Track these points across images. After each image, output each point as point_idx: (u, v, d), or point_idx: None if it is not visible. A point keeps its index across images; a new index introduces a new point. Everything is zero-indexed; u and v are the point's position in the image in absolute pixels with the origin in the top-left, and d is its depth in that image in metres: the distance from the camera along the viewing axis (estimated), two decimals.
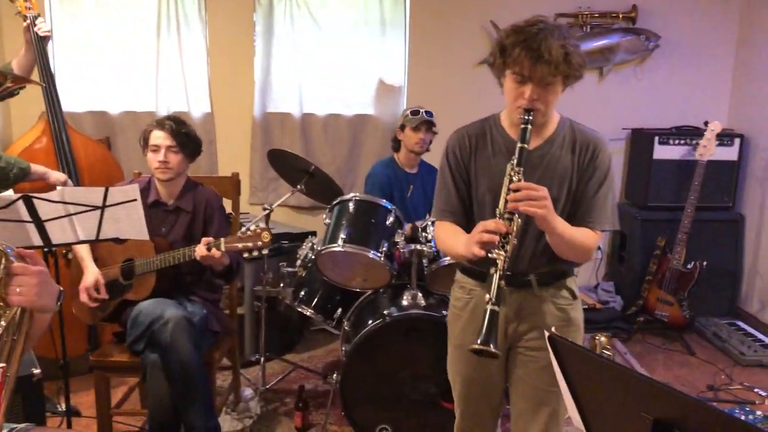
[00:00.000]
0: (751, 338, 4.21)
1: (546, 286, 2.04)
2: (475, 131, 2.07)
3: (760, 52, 4.48)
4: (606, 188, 1.99)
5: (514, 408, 2.16)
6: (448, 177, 2.07)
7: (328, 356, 3.99)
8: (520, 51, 1.82)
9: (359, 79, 4.58)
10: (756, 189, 4.50)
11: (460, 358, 2.18)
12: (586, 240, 1.96)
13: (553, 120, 2.02)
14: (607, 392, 1.40)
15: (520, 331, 2.06)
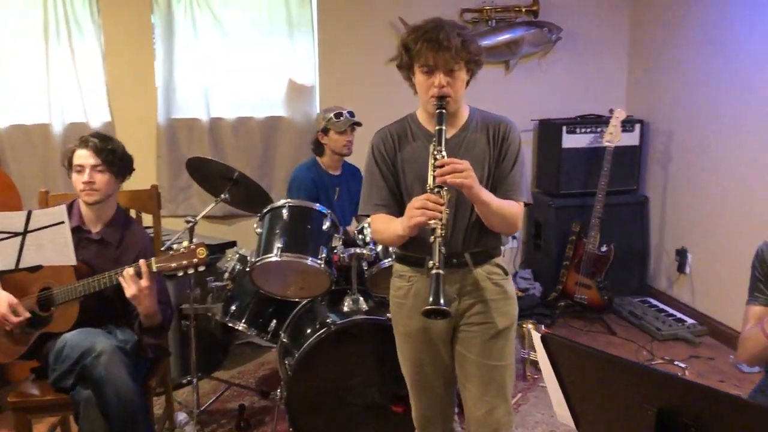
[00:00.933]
0: (663, 314, 4.43)
1: (480, 265, 2.18)
2: (396, 129, 2.22)
3: (651, 41, 4.72)
4: (520, 164, 2.16)
5: (464, 390, 2.25)
6: (376, 173, 2.20)
7: (260, 370, 3.83)
8: (422, 44, 2.00)
9: (268, 80, 4.45)
10: (657, 171, 4.74)
11: (409, 345, 2.27)
12: (512, 208, 2.11)
13: (464, 110, 2.19)
14: (605, 386, 1.39)
15: (462, 308, 2.19)
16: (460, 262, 2.16)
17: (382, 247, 2.94)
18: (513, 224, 2.13)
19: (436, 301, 1.81)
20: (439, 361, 2.24)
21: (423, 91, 2.08)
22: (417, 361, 2.26)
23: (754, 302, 2.07)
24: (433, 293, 1.82)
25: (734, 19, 3.96)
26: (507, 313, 2.20)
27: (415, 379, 2.29)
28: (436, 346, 2.22)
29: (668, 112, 4.61)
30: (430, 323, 2.16)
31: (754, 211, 3.85)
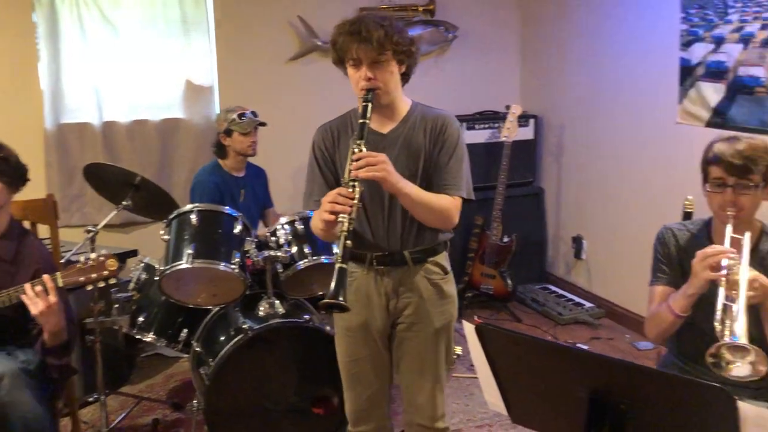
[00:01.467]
0: (563, 299, 4.64)
1: (420, 263, 2.19)
2: (337, 124, 2.24)
3: (541, 38, 4.93)
4: (457, 158, 2.15)
5: (403, 379, 2.29)
6: (316, 169, 2.22)
7: (170, 382, 3.69)
8: (345, 37, 2.03)
9: (164, 81, 4.29)
10: (552, 164, 4.96)
11: (348, 339, 2.28)
12: (441, 202, 2.11)
13: (404, 104, 2.20)
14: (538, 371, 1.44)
15: (400, 306, 2.21)
16: (399, 260, 2.17)
17: (297, 248, 2.91)
18: (446, 218, 2.13)
19: (334, 295, 1.80)
20: (376, 357, 2.26)
21: (354, 85, 2.09)
22: (355, 355, 2.27)
23: (657, 282, 2.20)
24: (333, 287, 1.81)
25: (616, 16, 4.19)
26: (443, 312, 2.23)
27: (351, 373, 2.29)
28: (375, 342, 2.24)
29: (559, 106, 4.83)
30: (369, 318, 2.20)
31: (641, 198, 4.10)
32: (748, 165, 1.91)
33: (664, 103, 3.84)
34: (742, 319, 1.69)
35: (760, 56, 3.23)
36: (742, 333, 1.66)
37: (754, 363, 1.63)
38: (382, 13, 2.10)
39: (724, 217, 1.97)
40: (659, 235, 2.23)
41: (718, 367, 1.67)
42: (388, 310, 2.21)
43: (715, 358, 1.67)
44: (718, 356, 1.67)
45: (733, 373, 1.65)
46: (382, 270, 2.18)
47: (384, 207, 2.15)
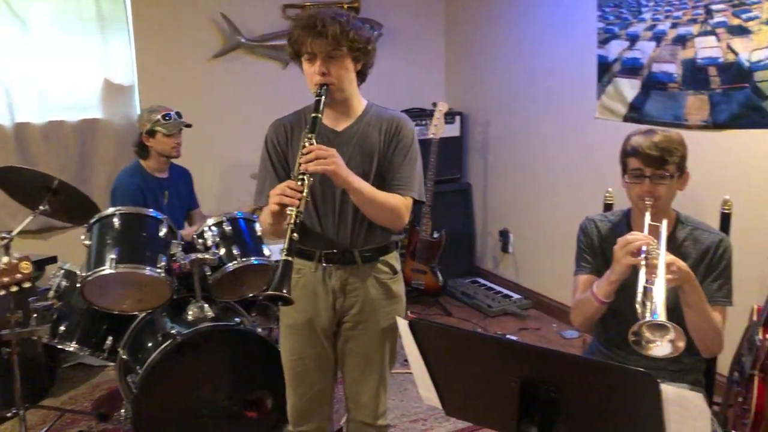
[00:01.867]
0: (492, 292, 4.74)
1: (369, 262, 2.18)
2: (291, 120, 2.20)
3: (465, 36, 5.01)
4: (410, 160, 2.15)
5: (347, 376, 2.30)
6: (269, 165, 2.19)
7: (95, 392, 3.56)
8: (300, 31, 2.01)
9: (81, 80, 4.12)
10: (477, 160, 5.04)
11: (292, 337, 2.25)
12: (392, 200, 2.10)
13: (359, 103, 2.19)
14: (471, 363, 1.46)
15: (347, 305, 2.20)
16: (349, 258, 2.16)
17: (225, 250, 2.85)
18: (396, 217, 2.12)
19: (277, 287, 1.78)
20: (321, 355, 2.25)
21: (308, 79, 2.06)
22: (299, 353, 2.25)
23: (581, 272, 2.27)
24: (277, 279, 1.79)
25: (537, 14, 4.31)
26: (390, 313, 2.22)
27: (295, 372, 2.27)
28: (320, 340, 2.23)
29: (484, 103, 4.92)
30: (315, 316, 2.18)
31: (564, 192, 4.23)
32: (664, 156, 2.00)
33: (583, 99, 3.97)
34: (661, 299, 1.76)
35: (671, 53, 3.38)
36: (662, 312, 1.73)
37: (673, 340, 1.70)
38: (339, 10, 2.08)
39: (643, 207, 2.05)
40: (582, 226, 2.31)
41: (640, 346, 1.73)
42: (335, 309, 2.20)
43: (636, 336, 1.73)
44: (639, 335, 1.73)
45: (654, 351, 1.72)
46: (330, 268, 2.17)
47: (335, 204, 2.13)
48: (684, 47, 3.31)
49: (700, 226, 2.15)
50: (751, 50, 3.00)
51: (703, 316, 1.98)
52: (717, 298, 2.06)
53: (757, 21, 2.96)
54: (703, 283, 2.06)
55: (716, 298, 2.06)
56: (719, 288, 2.07)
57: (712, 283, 2.07)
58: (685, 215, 2.18)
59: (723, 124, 3.18)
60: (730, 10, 3.07)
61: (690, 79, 3.30)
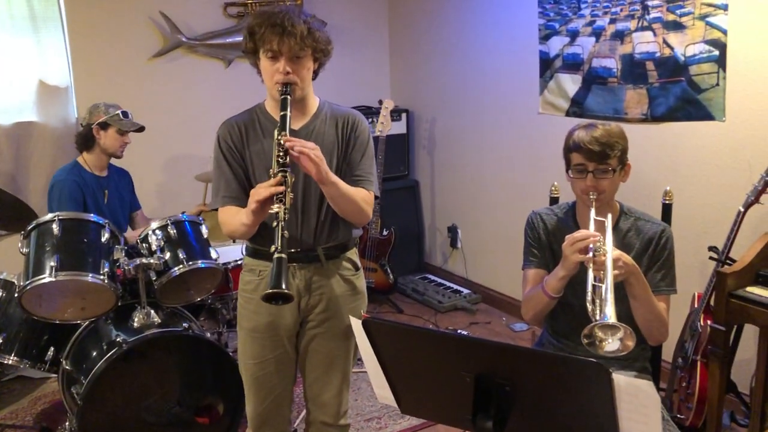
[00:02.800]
0: (442, 287, 4.77)
1: (332, 259, 2.19)
2: (243, 119, 2.16)
3: (409, 34, 5.02)
4: (368, 155, 2.17)
5: (309, 376, 2.27)
6: (224, 165, 2.13)
7: (37, 405, 3.43)
8: (266, 29, 1.97)
9: (14, 82, 3.96)
10: (424, 157, 5.07)
11: (253, 341, 2.21)
12: (360, 195, 2.11)
13: (313, 101, 2.18)
14: (425, 360, 1.46)
15: (311, 304, 2.18)
16: (312, 256, 2.15)
17: (171, 254, 2.79)
18: (364, 211, 2.13)
19: (277, 285, 1.76)
20: (283, 358, 2.22)
21: (268, 77, 2.03)
22: (260, 357, 2.21)
23: (529, 266, 2.30)
24: (274, 276, 1.77)
25: (479, 11, 4.34)
26: (354, 309, 2.22)
27: (256, 376, 2.23)
28: (282, 342, 2.20)
29: (429, 100, 4.94)
30: (278, 318, 2.15)
31: (509, 187, 4.28)
32: (605, 150, 2.04)
33: (526, 95, 4.03)
34: (609, 298, 1.79)
35: (610, 48, 3.46)
36: (612, 312, 1.76)
37: (623, 339, 1.74)
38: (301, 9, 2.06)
39: (587, 201, 2.09)
40: (528, 220, 2.34)
41: (593, 346, 1.76)
42: (299, 308, 2.18)
43: (589, 338, 1.76)
44: (591, 336, 1.76)
45: (606, 349, 1.76)
46: (294, 267, 2.15)
47: (297, 202, 2.11)
48: (622, 42, 3.39)
49: (643, 217, 2.20)
50: (685, 45, 3.09)
51: (648, 307, 2.03)
52: (661, 288, 2.12)
53: (691, 16, 3.05)
54: (648, 273, 2.11)
55: (660, 288, 2.12)
56: (663, 277, 2.13)
57: (656, 273, 2.13)
58: (627, 206, 2.23)
59: (661, 117, 3.27)
60: (665, 5, 3.16)
61: (629, 73, 3.38)
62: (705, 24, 3.01)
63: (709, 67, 3.02)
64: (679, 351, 2.90)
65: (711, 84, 3.02)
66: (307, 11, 2.10)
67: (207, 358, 2.75)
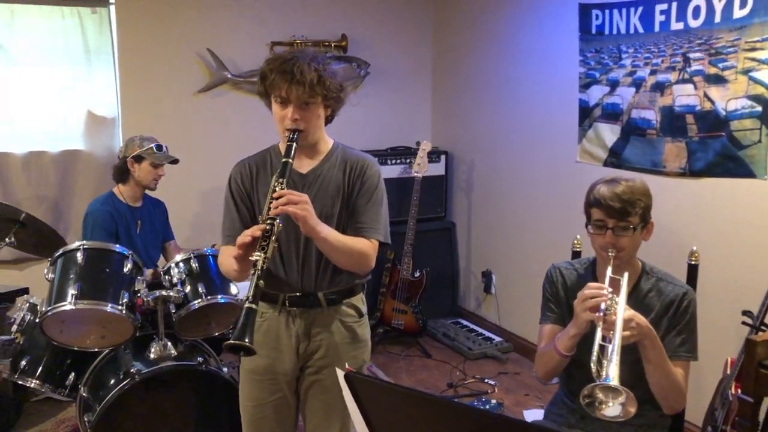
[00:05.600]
0: (474, 333, 4.67)
1: (334, 305, 2.14)
2: (256, 160, 2.19)
3: (452, 77, 5.02)
4: (375, 202, 2.13)
5: (308, 424, 2.23)
6: (231, 205, 2.16)
7: (59, 428, 3.48)
8: (276, 75, 1.98)
9: (64, 111, 4.12)
10: (462, 199, 5.02)
11: (252, 383, 2.19)
12: (358, 245, 2.07)
13: (326, 144, 2.18)
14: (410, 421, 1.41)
15: (311, 349, 2.15)
16: (313, 301, 2.11)
17: (191, 287, 2.81)
18: (361, 262, 2.09)
19: (239, 336, 1.71)
20: (281, 403, 2.19)
21: (278, 122, 2.05)
22: (258, 400, 2.18)
23: (546, 321, 2.23)
24: (239, 327, 1.73)
25: (521, 57, 4.32)
26: (355, 357, 2.19)
27: (253, 419, 2.20)
28: (281, 386, 2.17)
29: (469, 143, 4.91)
30: (276, 361, 2.13)
31: (544, 234, 4.19)
32: (626, 208, 1.97)
33: (564, 142, 3.96)
34: (615, 359, 1.72)
35: (650, 100, 3.38)
36: (615, 374, 1.68)
37: (624, 404, 1.66)
38: (316, 53, 2.05)
39: (606, 258, 2.02)
40: (547, 274, 2.27)
41: (592, 407, 1.69)
42: (298, 353, 2.15)
43: (589, 398, 1.69)
44: (592, 396, 1.69)
45: (605, 412, 1.68)
46: (294, 311, 2.13)
47: (299, 248, 2.10)
48: (662, 94, 3.31)
49: (666, 278, 2.11)
50: (727, 99, 2.99)
51: (663, 373, 1.93)
52: (680, 353, 2.02)
53: (734, 71, 2.96)
54: (666, 337, 2.02)
55: (679, 353, 2.02)
56: (683, 343, 2.03)
57: (675, 338, 2.03)
58: (650, 266, 2.14)
59: (699, 172, 3.15)
60: (707, 58, 3.07)
61: (668, 126, 3.29)
62: (748, 79, 2.91)
63: (751, 123, 2.91)
64: (710, 419, 2.75)
65: (753, 140, 2.91)
66: (324, 56, 2.08)
67: (220, 394, 2.74)
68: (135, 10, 4.24)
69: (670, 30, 3.24)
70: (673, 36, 3.22)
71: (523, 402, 3.77)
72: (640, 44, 3.40)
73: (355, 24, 4.82)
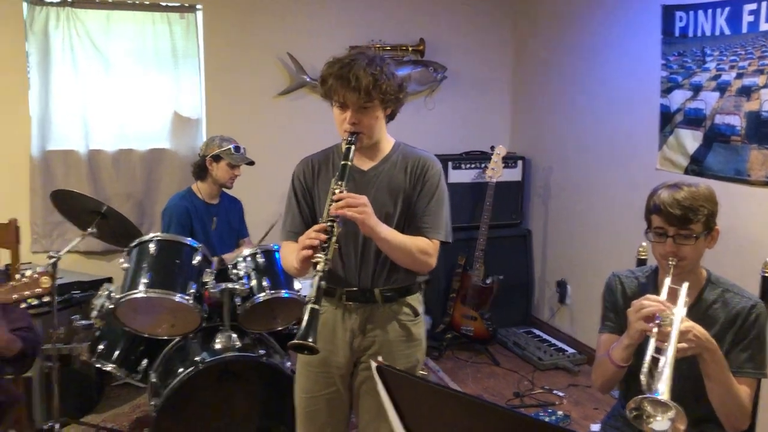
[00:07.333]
0: (546, 344, 4.56)
1: (390, 302, 2.15)
2: (319, 158, 2.23)
3: (532, 82, 4.94)
4: (437, 201, 2.13)
5: (361, 420, 2.23)
6: (293, 201, 2.21)
7: (135, 412, 3.65)
8: (333, 81, 2.01)
9: (152, 111, 4.34)
10: (539, 205, 4.92)
11: (306, 375, 2.22)
12: (419, 245, 2.08)
13: (387, 143, 2.19)
14: (442, 419, 1.40)
15: (365, 344, 2.16)
16: (369, 297, 2.13)
17: (257, 281, 2.89)
18: (422, 262, 2.10)
19: (303, 336, 1.76)
20: (334, 396, 2.21)
21: (338, 124, 2.09)
22: (312, 392, 2.21)
23: (604, 330, 2.16)
24: (303, 327, 1.78)
25: (602, 61, 4.20)
26: (409, 356, 2.19)
27: (306, 411, 2.23)
28: (334, 380, 2.19)
29: (548, 149, 4.81)
30: (331, 354, 2.15)
31: (623, 244, 4.04)
32: (688, 215, 1.88)
33: (645, 149, 3.82)
34: (667, 373, 1.64)
35: (735, 105, 3.21)
36: (665, 389, 1.60)
37: (674, 420, 1.57)
38: (373, 55, 2.05)
39: (666, 267, 1.93)
40: (607, 282, 2.20)
41: (639, 420, 1.61)
42: (352, 347, 2.16)
43: (637, 410, 1.62)
44: (640, 409, 1.62)
45: (653, 426, 1.60)
46: (350, 306, 2.15)
47: (357, 244, 2.12)
48: (749, 99, 3.13)
49: (732, 289, 1.99)
50: None
51: (725, 388, 1.83)
52: (745, 369, 1.90)
53: None
54: (732, 352, 1.91)
55: (744, 369, 1.90)
56: (750, 358, 1.91)
57: (741, 353, 1.91)
58: (716, 276, 2.03)
59: None
60: None
61: (754, 132, 3.11)
62: None
63: None
64: None
65: None
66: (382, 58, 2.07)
67: (280, 386, 2.79)
68: (220, 16, 4.41)
69: (759, 31, 3.07)
70: (762, 38, 3.05)
71: (592, 416, 3.65)
72: (726, 46, 3.24)
73: (433, 28, 4.83)
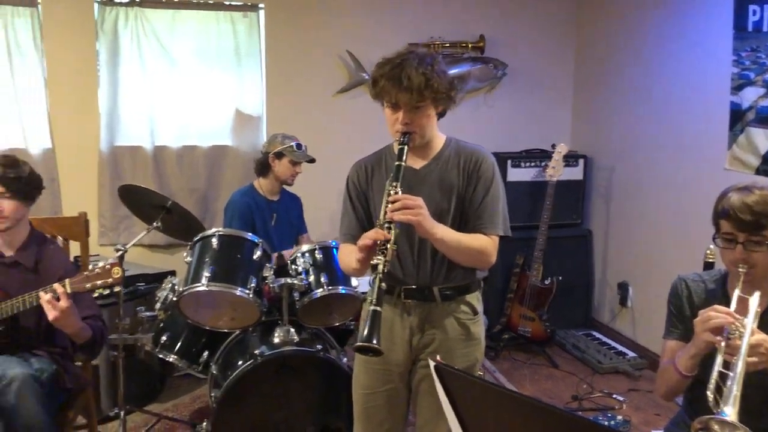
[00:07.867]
0: (605, 347, 4.46)
1: (449, 300, 2.15)
2: (372, 161, 2.24)
3: (595, 79, 4.83)
4: (492, 195, 2.11)
5: (419, 418, 2.23)
6: (348, 204, 2.24)
7: (195, 403, 3.75)
8: (385, 82, 2.00)
9: (215, 109, 4.43)
10: (600, 205, 4.81)
11: (365, 372, 2.23)
12: (476, 242, 2.06)
13: (438, 140, 2.18)
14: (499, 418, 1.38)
15: (424, 343, 2.16)
16: (428, 295, 2.14)
17: (315, 277, 2.92)
18: (481, 259, 2.09)
19: (367, 339, 1.77)
20: (392, 393, 2.22)
21: (389, 125, 2.09)
22: (370, 388, 2.22)
23: (669, 336, 2.10)
24: (367, 329, 1.78)
25: (668, 58, 4.07)
26: (467, 354, 2.19)
27: (365, 407, 2.25)
28: (392, 377, 2.20)
29: (610, 148, 4.70)
30: (390, 352, 2.15)
31: (688, 246, 3.91)
32: (760, 221, 1.79)
33: (713, 148, 3.69)
34: (735, 390, 1.56)
35: None
36: (733, 410, 1.53)
37: None
38: (424, 53, 2.04)
39: (736, 273, 1.85)
40: (673, 286, 2.14)
41: None
42: (411, 345, 2.17)
43: (703, 430, 1.55)
44: (706, 429, 1.55)
45: None
46: (409, 304, 2.16)
47: (414, 243, 2.13)
48: None
49: None
50: None
51: None
52: None
53: None
54: None
55: None
56: None
57: None
58: None
59: None
60: None
61: None
62: None
63: None
64: None
65: None
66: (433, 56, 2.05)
67: (337, 382, 2.81)
68: (282, 15, 4.47)
69: None
70: None
71: (653, 421, 3.55)
72: None
73: (494, 25, 4.78)
